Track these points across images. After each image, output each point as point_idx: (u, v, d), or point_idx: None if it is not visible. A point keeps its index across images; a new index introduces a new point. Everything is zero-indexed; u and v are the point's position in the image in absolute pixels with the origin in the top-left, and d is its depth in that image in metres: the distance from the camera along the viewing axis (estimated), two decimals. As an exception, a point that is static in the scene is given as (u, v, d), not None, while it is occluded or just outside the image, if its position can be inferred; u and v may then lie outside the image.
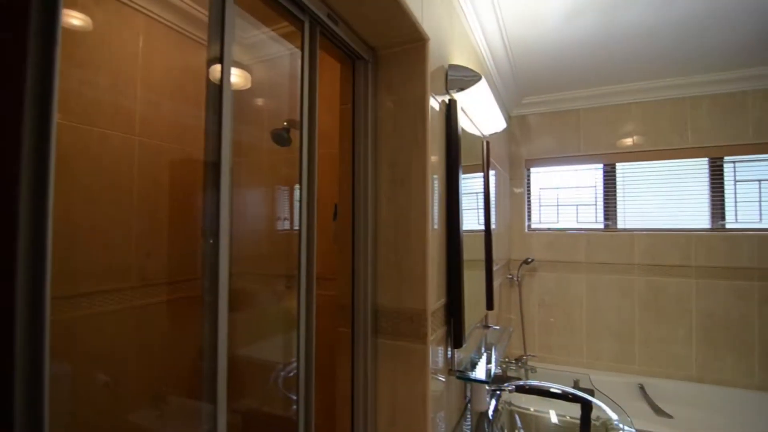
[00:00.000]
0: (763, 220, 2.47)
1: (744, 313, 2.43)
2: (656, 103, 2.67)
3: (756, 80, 2.42)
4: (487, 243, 1.73)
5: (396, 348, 1.05)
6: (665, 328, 2.59)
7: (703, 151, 2.57)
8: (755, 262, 2.41)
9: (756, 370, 2.40)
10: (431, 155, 1.06)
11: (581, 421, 1.51)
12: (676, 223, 2.64)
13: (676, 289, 2.57)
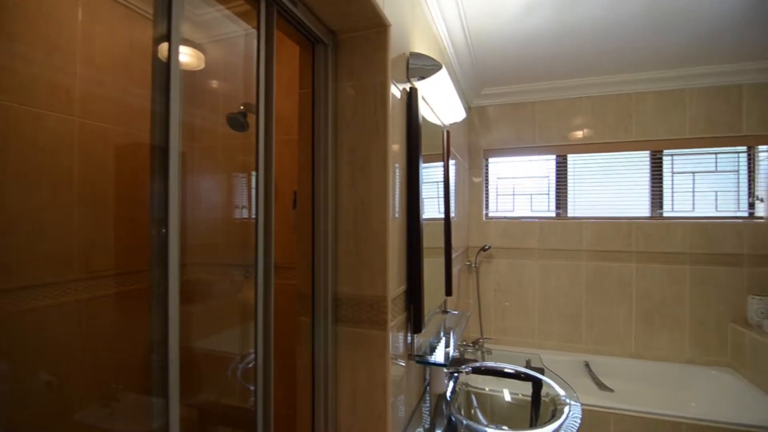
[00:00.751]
0: (696, 209, 2.71)
1: (677, 294, 2.66)
2: (604, 98, 2.81)
3: (694, 79, 2.61)
4: (446, 231, 1.77)
5: (357, 335, 1.05)
6: (609, 309, 2.79)
7: (645, 145, 2.76)
8: (687, 247, 2.64)
9: (686, 345, 2.65)
10: (392, 143, 1.06)
11: (532, 398, 1.60)
12: (619, 211, 2.83)
13: (619, 273, 2.76)
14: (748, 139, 2.58)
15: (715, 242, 2.59)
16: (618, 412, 2.09)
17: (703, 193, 2.70)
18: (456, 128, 2.44)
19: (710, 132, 2.62)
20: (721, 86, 2.59)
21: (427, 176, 1.57)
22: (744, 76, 2.54)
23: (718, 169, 2.68)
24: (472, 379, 1.74)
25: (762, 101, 2.53)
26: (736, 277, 2.55)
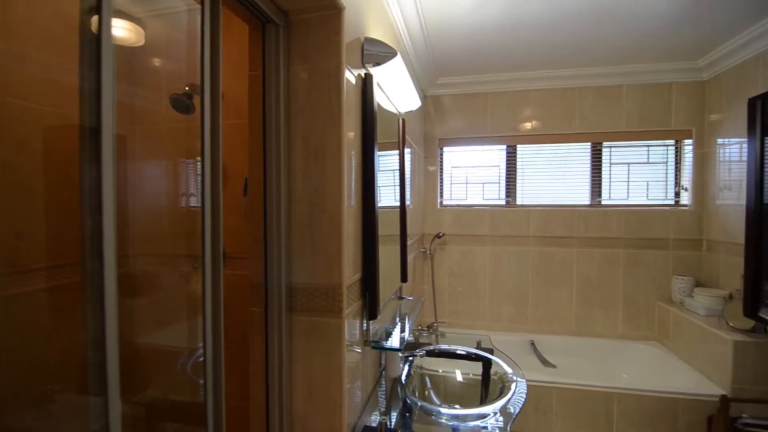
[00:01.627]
0: (630, 197, 2.93)
1: (612, 276, 2.88)
2: (552, 91, 2.95)
3: (630, 76, 2.80)
4: (402, 219, 1.79)
5: (311, 324, 1.05)
6: (552, 291, 2.97)
7: (587, 137, 2.93)
8: (622, 233, 2.86)
9: (619, 322, 2.89)
10: (347, 130, 1.05)
11: (482, 377, 1.68)
12: (563, 199, 3.00)
13: (561, 257, 2.95)
14: (676, 133, 2.82)
15: (646, 228, 2.83)
16: (559, 386, 2.25)
17: (636, 183, 2.93)
18: (412, 117, 2.45)
19: (644, 126, 2.83)
20: (654, 83, 2.80)
21: (383, 164, 1.57)
22: (673, 75, 2.76)
23: (650, 161, 2.91)
24: (426, 361, 1.79)
25: (688, 99, 2.77)
26: (662, 259, 2.81)
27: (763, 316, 1.90)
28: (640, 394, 2.16)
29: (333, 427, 1.06)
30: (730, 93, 2.48)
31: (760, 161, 1.91)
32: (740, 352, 2.03)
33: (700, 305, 2.43)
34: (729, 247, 2.44)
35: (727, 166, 2.51)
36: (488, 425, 1.27)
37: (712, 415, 2.05)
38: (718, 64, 2.55)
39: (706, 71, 2.68)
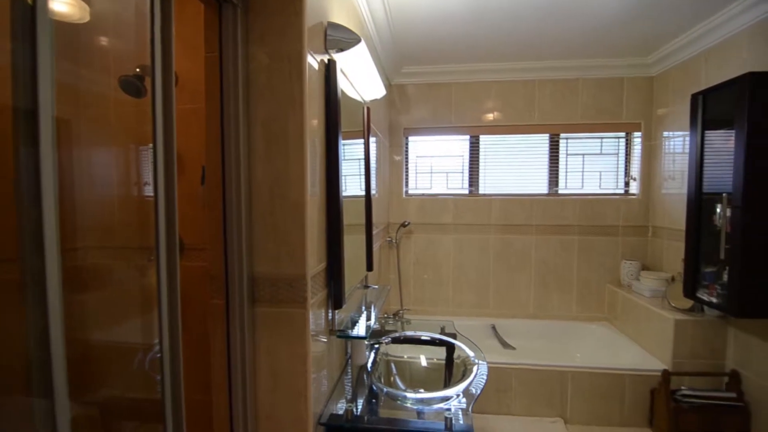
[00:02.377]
0: (584, 186, 3.08)
1: (567, 261, 3.03)
2: (512, 83, 3.02)
3: (586, 70, 2.92)
4: (367, 208, 1.78)
5: (276, 315, 1.03)
6: (512, 277, 3.09)
7: (546, 128, 3.04)
8: (576, 220, 3.01)
9: (573, 305, 3.05)
10: (310, 116, 1.03)
11: (446, 361, 1.73)
12: (523, 189, 3.11)
13: (521, 244, 3.06)
14: (627, 126, 2.98)
15: (598, 216, 2.99)
16: (518, 367, 2.36)
17: (590, 173, 3.07)
18: (377, 105, 2.44)
19: (598, 119, 2.97)
20: (607, 78, 2.93)
21: (349, 153, 1.55)
22: (625, 70, 2.90)
23: (603, 152, 3.07)
24: (392, 348, 1.82)
25: (638, 93, 2.92)
26: (613, 245, 2.99)
27: (700, 296, 2.07)
28: (592, 372, 2.31)
29: (299, 417, 1.06)
30: (675, 88, 2.65)
31: (700, 154, 2.06)
32: (680, 329, 2.21)
33: (646, 287, 2.62)
34: (672, 233, 2.63)
35: (672, 157, 2.69)
36: (451, 407, 1.31)
37: (655, 388, 2.22)
38: (665, 61, 2.71)
39: (655, 67, 2.83)
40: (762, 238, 1.75)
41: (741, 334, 2.09)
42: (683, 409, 2.05)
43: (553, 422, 2.28)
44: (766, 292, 1.76)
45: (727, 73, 2.08)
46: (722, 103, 1.93)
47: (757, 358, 1.97)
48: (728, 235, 1.84)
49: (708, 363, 2.19)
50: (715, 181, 1.98)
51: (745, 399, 2.02)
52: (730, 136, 1.83)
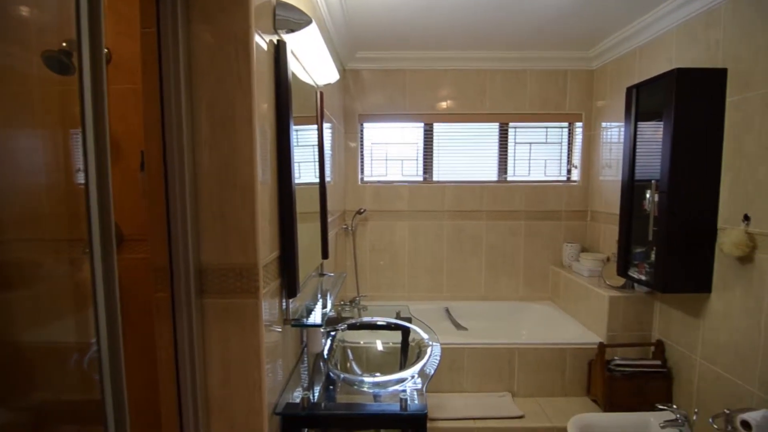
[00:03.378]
0: (531, 174, 3.23)
1: (515, 245, 3.19)
2: (465, 72, 3.08)
3: (533, 62, 3.03)
4: (322, 195, 1.76)
5: (226, 306, 1.00)
6: (464, 261, 3.20)
7: (496, 117, 3.14)
8: (523, 206, 3.16)
9: (520, 286, 3.22)
10: (259, 99, 0.99)
11: (401, 345, 1.77)
12: (474, 176, 3.21)
13: (473, 230, 3.17)
14: (570, 116, 3.15)
15: (543, 201, 3.16)
16: (470, 347, 2.47)
17: (536, 161, 3.23)
18: (330, 90, 2.39)
19: (544, 109, 3.11)
20: (552, 70, 3.07)
21: (302, 139, 1.52)
22: (569, 63, 3.04)
23: (548, 141, 3.22)
24: (348, 335, 1.83)
25: (579, 85, 3.09)
26: (556, 229, 3.18)
27: (631, 275, 2.26)
28: (536, 348, 2.46)
29: (253, 408, 1.04)
30: (613, 82, 2.83)
31: (633, 143, 2.22)
32: (613, 305, 2.41)
33: (585, 267, 2.82)
34: (608, 216, 2.84)
35: (609, 147, 2.88)
36: (407, 388, 1.35)
37: (592, 359, 2.42)
38: (604, 56, 2.88)
39: (595, 61, 3.00)
40: (683, 221, 1.93)
41: (665, 307, 2.31)
42: (616, 377, 2.25)
43: (502, 396, 2.42)
44: (686, 270, 1.96)
45: (657, 69, 2.25)
46: (653, 96, 2.09)
47: (677, 328, 2.20)
48: (656, 219, 2.02)
49: (637, 335, 2.41)
50: (645, 169, 2.15)
51: (668, 365, 2.25)
52: (659, 128, 1.99)
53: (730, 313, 1.84)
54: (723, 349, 1.88)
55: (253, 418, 1.04)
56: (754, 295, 1.71)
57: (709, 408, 1.91)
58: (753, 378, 1.71)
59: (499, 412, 2.26)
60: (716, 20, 1.91)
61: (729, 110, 1.85)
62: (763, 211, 1.67)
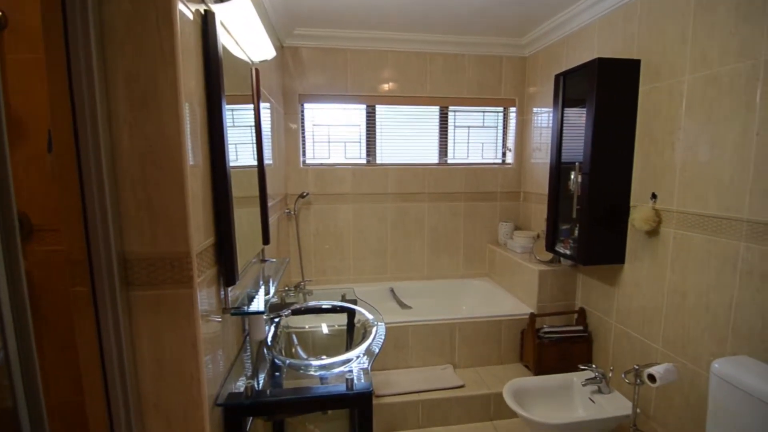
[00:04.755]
0: (469, 156, 3.35)
1: (455, 226, 3.31)
2: (407, 55, 3.08)
3: (471, 47, 3.10)
4: (261, 179, 1.69)
5: (157, 298, 0.93)
6: (408, 242, 3.27)
7: (436, 101, 3.19)
8: (462, 188, 3.28)
9: (460, 264, 3.37)
10: (186, 75, 0.91)
11: (347, 327, 1.79)
12: (416, 158, 3.26)
13: (415, 212, 3.25)
14: (504, 101, 3.29)
15: (481, 183, 3.30)
16: (414, 324, 2.56)
17: (474, 144, 3.35)
18: (268, 68, 2.27)
19: (481, 94, 3.22)
20: (489, 56, 3.17)
21: (238, 119, 1.44)
22: (504, 50, 3.16)
23: (485, 125, 3.36)
24: (293, 320, 1.80)
25: (513, 71, 3.23)
26: (492, 209, 3.35)
27: (558, 250, 2.46)
28: (475, 321, 2.61)
29: (192, 401, 1.00)
30: (543, 69, 2.99)
31: (560, 128, 2.38)
32: (543, 278, 2.61)
33: (518, 245, 3.01)
34: (538, 197, 3.04)
35: (539, 131, 3.06)
36: (353, 369, 1.37)
37: (524, 329, 2.62)
38: (535, 44, 3.02)
39: (528, 49, 3.15)
40: (602, 200, 2.13)
41: (586, 278, 2.55)
42: (544, 343, 2.46)
43: (444, 368, 2.55)
44: (603, 244, 2.17)
45: (582, 58, 2.41)
46: (577, 84, 2.24)
47: (596, 296, 2.44)
48: (579, 198, 2.19)
49: (563, 304, 2.65)
50: (571, 153, 2.32)
51: (589, 330, 2.50)
52: (583, 113, 2.14)
53: (639, 281, 2.07)
54: (633, 313, 2.12)
55: (192, 412, 1.00)
56: (659, 264, 1.94)
57: (623, 365, 2.16)
58: (657, 336, 1.96)
59: (441, 384, 2.38)
60: (632, 15, 2.08)
61: (641, 98, 2.04)
62: (667, 189, 1.88)
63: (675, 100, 1.82)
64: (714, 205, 1.64)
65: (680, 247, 1.82)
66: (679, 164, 1.81)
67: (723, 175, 1.60)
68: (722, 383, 1.34)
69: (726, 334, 1.60)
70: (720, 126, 1.61)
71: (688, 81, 1.76)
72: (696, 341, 1.74)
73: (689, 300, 1.77)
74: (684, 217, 1.79)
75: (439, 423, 2.32)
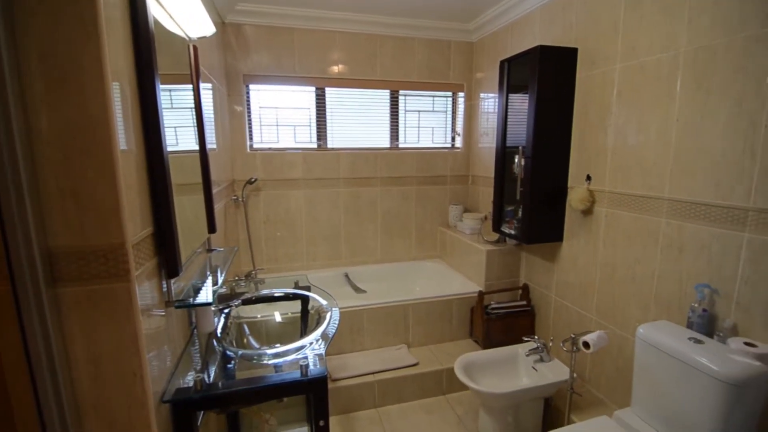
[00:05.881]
0: (420, 141, 3.39)
1: (407, 209, 3.36)
2: (356, 36, 3.02)
3: (420, 30, 3.11)
4: (204, 164, 1.60)
5: (89, 294, 0.86)
6: (361, 227, 3.28)
7: (386, 84, 3.18)
8: (414, 171, 3.32)
9: (413, 247, 3.44)
10: (111, 49, 0.83)
11: (301, 314, 1.77)
12: (368, 143, 3.25)
13: (368, 196, 3.25)
14: (453, 86, 3.35)
15: (431, 167, 3.36)
16: (369, 308, 2.59)
17: (424, 129, 3.39)
18: (208, 46, 2.14)
19: (431, 78, 3.24)
20: (438, 40, 3.19)
21: (176, 101, 1.34)
22: (452, 34, 3.20)
23: (435, 110, 3.40)
24: (244, 310, 1.76)
25: (461, 57, 3.28)
26: (442, 192, 3.43)
27: (503, 230, 2.58)
28: (427, 301, 2.70)
29: (135, 400, 0.95)
30: (489, 55, 3.06)
31: (505, 113, 2.47)
32: (490, 258, 2.74)
33: (467, 226, 3.12)
34: (485, 180, 3.16)
35: (486, 116, 3.16)
36: (307, 355, 1.36)
37: (473, 306, 2.74)
38: (482, 29, 3.08)
39: (475, 34, 3.20)
40: (543, 182, 2.25)
41: (529, 256, 2.71)
42: (492, 319, 2.59)
43: (399, 349, 2.62)
44: (544, 224, 2.31)
45: (526, 45, 2.50)
46: (521, 70, 2.33)
47: (538, 273, 2.61)
48: (522, 181, 2.31)
49: (508, 281, 2.80)
50: (515, 137, 2.42)
51: (532, 304, 2.67)
52: (526, 99, 2.24)
53: (576, 257, 2.23)
54: (571, 286, 2.29)
55: (136, 411, 0.95)
56: (592, 241, 2.10)
57: (562, 335, 2.34)
58: (591, 307, 2.14)
59: (396, 364, 2.45)
60: (571, 4, 2.18)
61: (578, 85, 2.16)
62: (601, 171, 2.03)
63: (607, 88, 1.95)
64: (640, 186, 1.80)
65: (611, 224, 1.98)
66: (610, 148, 1.96)
67: (647, 157, 1.75)
68: (645, 345, 1.49)
69: (649, 301, 1.78)
70: (646, 112, 1.75)
71: (619, 69, 1.88)
72: (624, 309, 1.92)
73: (618, 272, 1.94)
74: (614, 196, 1.94)
75: (394, 401, 2.39)
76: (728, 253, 1.44)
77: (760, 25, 1.31)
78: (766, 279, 1.33)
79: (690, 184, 1.57)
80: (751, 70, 1.34)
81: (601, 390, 2.09)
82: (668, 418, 1.41)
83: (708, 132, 1.49)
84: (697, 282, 1.55)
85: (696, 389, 1.29)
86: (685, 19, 1.56)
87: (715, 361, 1.25)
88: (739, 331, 1.42)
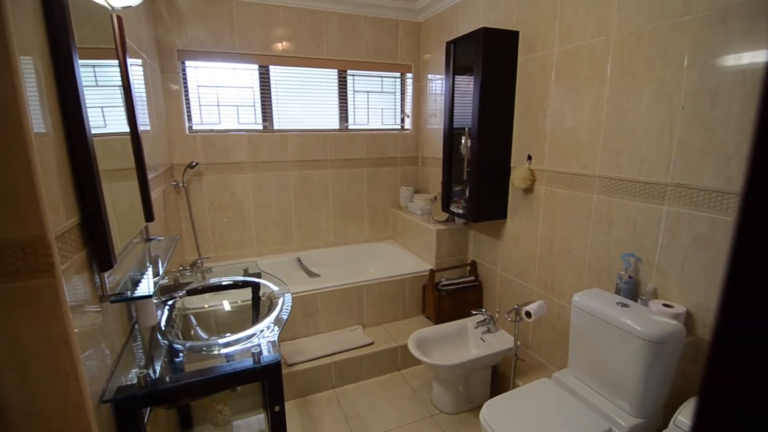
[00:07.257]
0: (370, 122, 3.36)
1: (358, 192, 3.36)
2: (300, 11, 2.90)
3: (367, 8, 3.04)
4: (136, 147, 1.48)
5: (9, 292, 0.78)
6: (313, 210, 3.23)
7: (334, 63, 3.10)
8: (365, 153, 3.31)
9: (366, 229, 3.46)
10: (16, 19, 0.73)
11: (252, 301, 1.73)
12: (317, 124, 3.17)
13: (319, 179, 3.20)
14: (401, 67, 3.33)
15: (382, 149, 3.36)
16: (322, 291, 2.58)
17: (374, 110, 3.37)
18: (135, 17, 1.95)
19: (379, 58, 3.21)
20: (385, 19, 3.14)
21: (102, 78, 1.22)
22: (399, 14, 3.16)
23: (384, 90, 3.38)
24: (189, 301, 1.68)
25: (409, 37, 3.27)
26: (393, 174, 3.45)
27: (452, 210, 2.66)
28: (381, 282, 2.74)
29: (71, 402, 0.88)
30: (436, 36, 3.08)
31: (452, 95, 2.51)
32: (440, 237, 2.82)
33: (417, 207, 3.18)
34: (434, 161, 3.22)
35: (434, 98, 3.19)
36: (259, 342, 1.34)
37: (425, 284, 2.82)
38: (428, 9, 3.08)
39: (422, 14, 3.19)
40: (488, 162, 2.33)
41: (476, 234, 2.82)
42: (443, 295, 2.69)
43: (353, 330, 2.65)
44: (490, 203, 2.41)
45: (471, 27, 2.54)
46: (466, 52, 2.36)
47: (485, 249, 2.73)
48: (468, 161, 2.38)
49: (457, 258, 2.91)
50: (461, 118, 2.47)
51: (479, 279, 2.80)
52: (471, 81, 2.28)
53: (519, 233, 2.36)
54: (514, 261, 2.43)
55: (73, 414, 0.89)
56: (533, 217, 2.23)
57: (507, 306, 2.48)
58: (533, 279, 2.28)
59: (351, 344, 2.48)
60: (511, -13, 2.23)
61: (520, 68, 2.24)
62: (540, 151, 2.14)
63: (546, 71, 2.04)
64: (574, 164, 1.92)
65: (549, 201, 2.10)
66: (549, 128, 2.06)
67: (581, 137, 1.87)
68: (579, 312, 1.62)
69: (583, 272, 1.93)
70: (580, 95, 1.86)
71: (556, 53, 1.97)
72: (561, 280, 2.07)
73: (556, 246, 2.08)
74: (552, 175, 2.06)
75: (351, 381, 2.43)
76: (650, 224, 1.60)
77: (680, 13, 1.42)
78: (680, 247, 1.49)
79: (618, 162, 1.71)
80: (672, 56, 1.46)
81: (542, 355, 2.26)
82: (600, 375, 1.56)
83: (633, 113, 1.62)
84: (624, 252, 1.70)
85: (623, 348, 1.44)
86: (615, 5, 1.66)
87: (639, 322, 1.39)
88: (659, 294, 1.59)
